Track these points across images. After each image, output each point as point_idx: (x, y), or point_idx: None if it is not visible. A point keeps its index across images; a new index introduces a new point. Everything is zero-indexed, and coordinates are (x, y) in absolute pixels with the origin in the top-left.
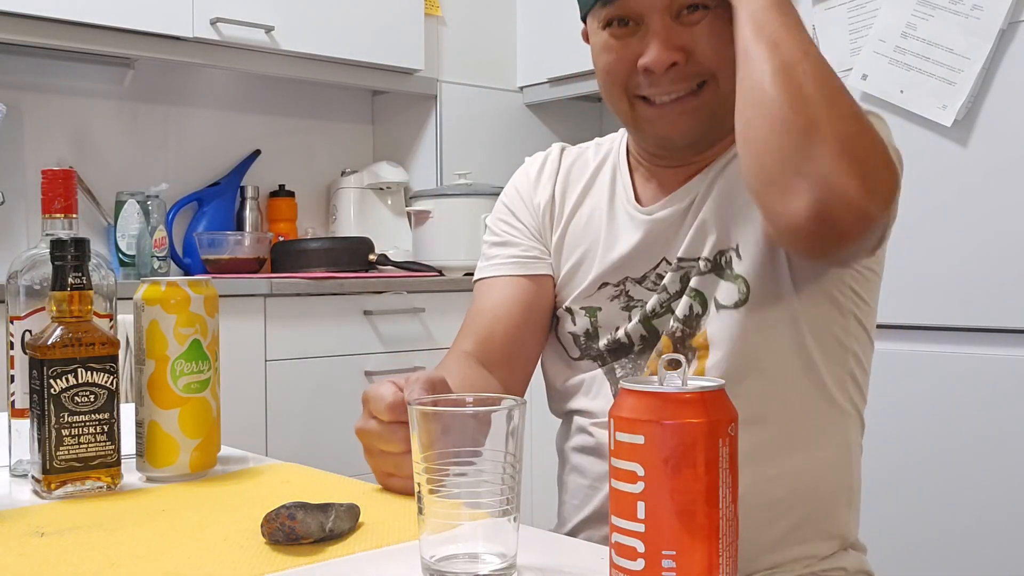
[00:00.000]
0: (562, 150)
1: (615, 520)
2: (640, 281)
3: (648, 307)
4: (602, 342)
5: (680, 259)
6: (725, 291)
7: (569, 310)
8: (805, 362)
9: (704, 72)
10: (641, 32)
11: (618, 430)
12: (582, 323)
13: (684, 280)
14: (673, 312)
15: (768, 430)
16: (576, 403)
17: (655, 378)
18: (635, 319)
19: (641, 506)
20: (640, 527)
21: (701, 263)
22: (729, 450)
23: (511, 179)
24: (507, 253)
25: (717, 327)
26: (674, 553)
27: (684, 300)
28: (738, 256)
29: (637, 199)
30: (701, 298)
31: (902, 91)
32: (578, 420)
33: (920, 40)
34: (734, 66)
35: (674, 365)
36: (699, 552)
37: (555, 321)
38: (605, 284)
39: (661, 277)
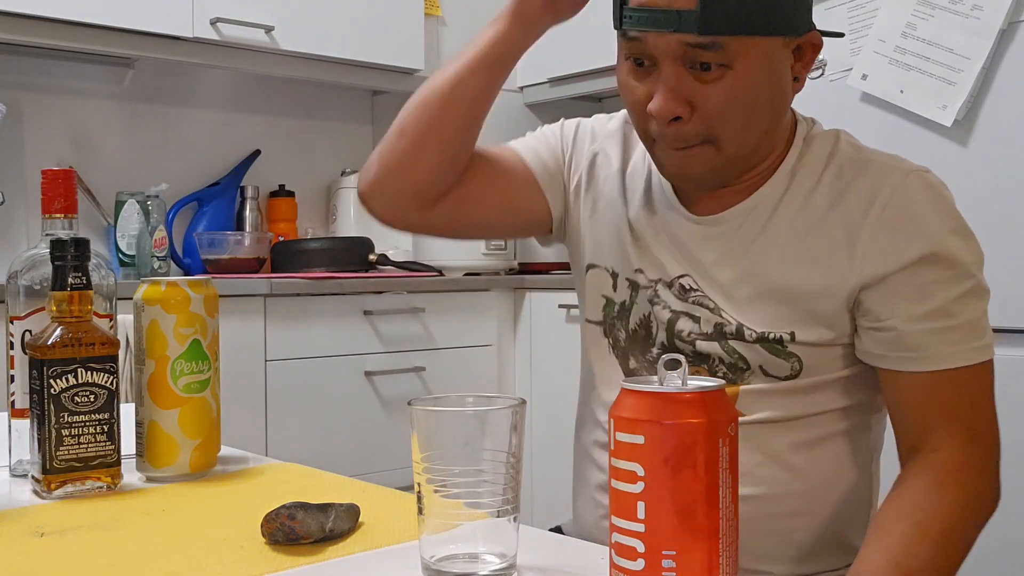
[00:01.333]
0: (626, 120)
1: (615, 520)
2: (669, 285)
3: (677, 326)
4: (631, 324)
5: (717, 308)
6: (774, 365)
7: (615, 274)
8: (846, 416)
9: (704, 132)
10: (655, 75)
11: (618, 430)
12: (623, 294)
13: (719, 330)
14: (702, 353)
15: (799, 474)
16: (600, 391)
17: (655, 378)
18: (662, 320)
19: (641, 506)
20: (640, 527)
21: (746, 332)
22: (729, 450)
23: (576, 121)
24: (538, 150)
25: (757, 388)
26: (674, 553)
27: (716, 347)
28: (793, 342)
29: (676, 194)
30: (742, 360)
31: (902, 91)
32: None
33: (920, 40)
34: (737, 129)
35: (674, 365)
36: (699, 552)
37: (585, 272)
38: (640, 271)
39: (684, 290)
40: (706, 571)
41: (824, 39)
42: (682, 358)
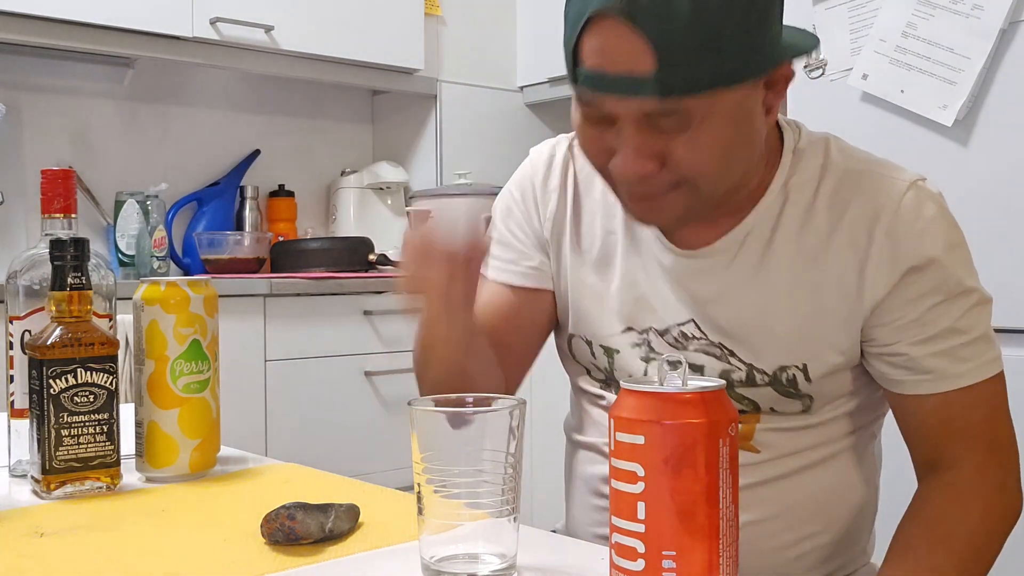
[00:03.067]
0: (570, 146)
1: (615, 520)
2: (662, 334)
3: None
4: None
5: (724, 355)
6: (786, 404)
7: (589, 343)
8: (854, 433)
9: (678, 180)
10: (616, 129)
11: (618, 430)
12: (602, 361)
13: (726, 377)
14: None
15: (807, 495)
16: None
17: (655, 378)
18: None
19: (641, 506)
20: (640, 527)
21: (758, 376)
22: (729, 450)
23: (520, 169)
24: (505, 256)
25: (768, 427)
26: (674, 553)
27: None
28: (807, 379)
29: (663, 232)
30: (752, 404)
31: (902, 91)
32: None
33: (921, 40)
34: (714, 174)
35: (674, 365)
36: (699, 552)
37: (568, 341)
38: (630, 329)
39: (687, 337)
40: (706, 571)
41: (821, 39)
42: (683, 358)
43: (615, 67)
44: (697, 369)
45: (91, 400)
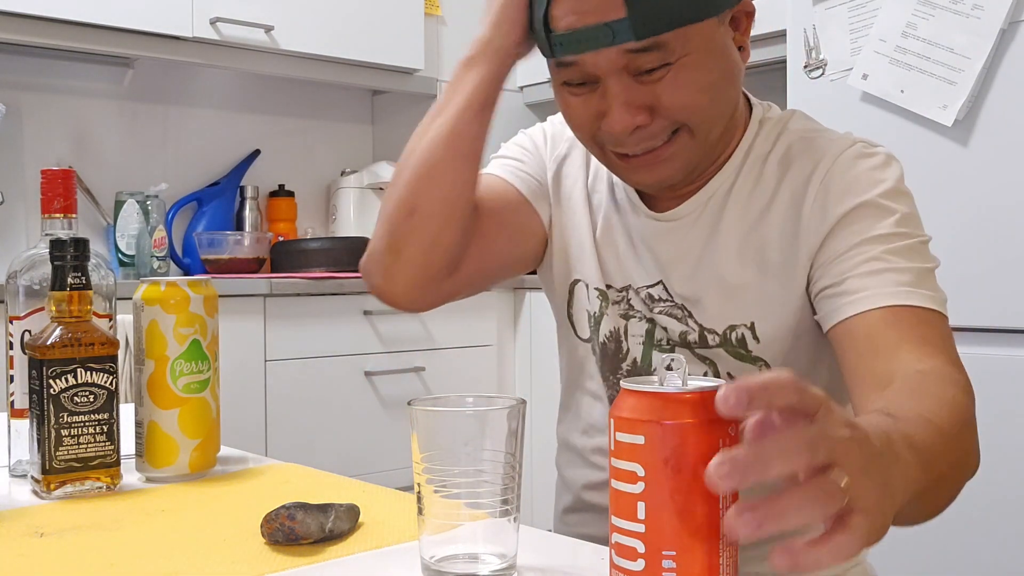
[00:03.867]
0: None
1: (615, 520)
2: (637, 292)
3: (656, 336)
4: (600, 338)
5: (684, 316)
6: (742, 370)
7: (586, 284)
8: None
9: (672, 124)
10: (600, 90)
11: (618, 430)
12: (595, 304)
13: (683, 339)
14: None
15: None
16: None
17: (655, 378)
18: (636, 335)
19: (641, 506)
20: (640, 527)
21: (708, 336)
22: None
23: (536, 127)
24: (517, 166)
25: None
26: (674, 553)
27: (687, 354)
28: (755, 338)
29: (641, 198)
30: (712, 367)
31: (902, 91)
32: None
33: (921, 40)
34: (705, 111)
35: (675, 365)
36: (699, 552)
37: (568, 294)
38: (609, 287)
39: (653, 299)
40: (706, 571)
41: (821, 39)
42: (682, 358)
43: (589, 19)
44: (665, 330)
45: (91, 400)
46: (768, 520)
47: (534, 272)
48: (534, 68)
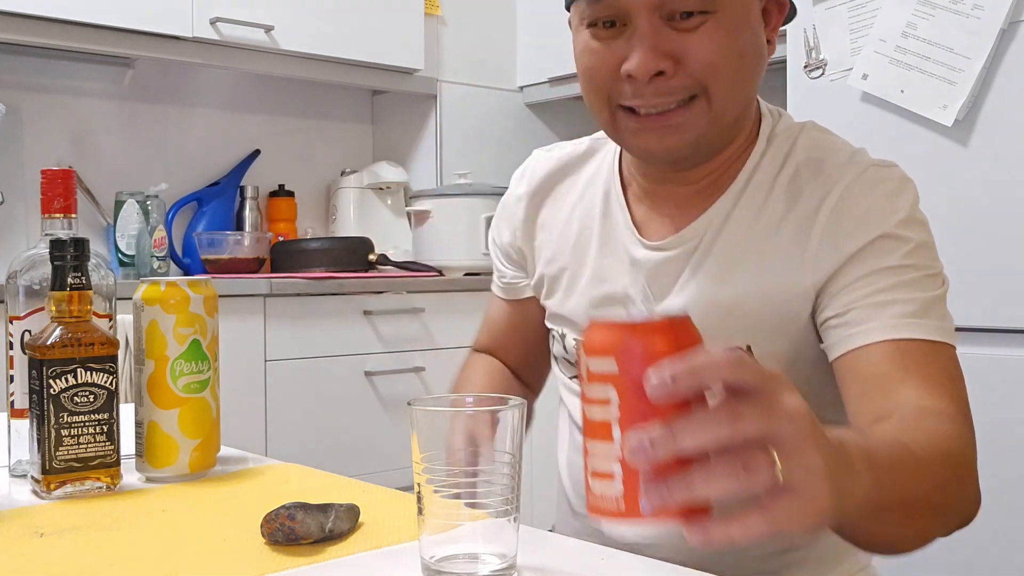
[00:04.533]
0: (538, 160)
1: (590, 445)
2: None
3: None
4: None
5: None
6: None
7: (563, 336)
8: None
9: (693, 85)
10: (627, 33)
11: (590, 356)
12: (572, 347)
13: None
14: None
15: None
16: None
17: (623, 311)
18: None
19: (616, 429)
20: (616, 448)
21: None
22: None
23: (497, 211)
24: (497, 275)
25: None
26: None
27: None
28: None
29: (635, 226)
30: None
31: (902, 91)
32: None
33: (921, 40)
34: (729, 80)
35: (642, 302)
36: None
37: (563, 341)
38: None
39: None
40: None
41: (821, 39)
42: (649, 294)
43: None
44: None
45: (91, 400)
46: (676, 489)
47: None
48: (534, 68)
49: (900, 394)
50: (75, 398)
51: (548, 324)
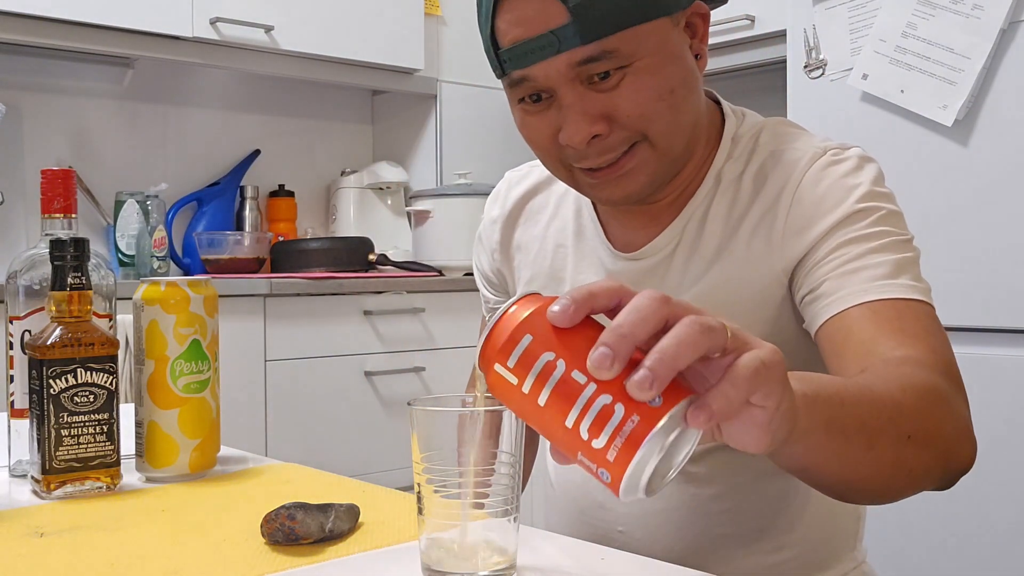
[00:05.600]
0: (510, 182)
1: (573, 411)
2: None
3: None
4: None
5: None
6: None
7: None
8: None
9: (632, 136)
10: (556, 104)
11: (507, 353)
12: None
13: None
14: None
15: (778, 502)
16: None
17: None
18: None
19: (577, 375)
20: (593, 387)
21: None
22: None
23: (476, 240)
24: (483, 300)
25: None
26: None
27: None
28: None
29: (609, 239)
30: None
31: (902, 91)
32: None
33: (921, 40)
34: (664, 120)
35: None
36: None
37: None
38: None
39: None
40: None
41: (821, 39)
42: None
43: (533, 31)
44: None
45: (91, 400)
46: (659, 366)
47: None
48: None
49: (874, 352)
50: (75, 398)
51: None
